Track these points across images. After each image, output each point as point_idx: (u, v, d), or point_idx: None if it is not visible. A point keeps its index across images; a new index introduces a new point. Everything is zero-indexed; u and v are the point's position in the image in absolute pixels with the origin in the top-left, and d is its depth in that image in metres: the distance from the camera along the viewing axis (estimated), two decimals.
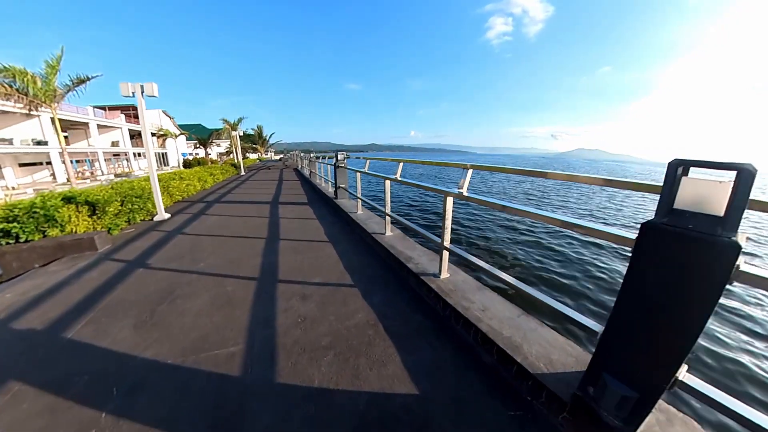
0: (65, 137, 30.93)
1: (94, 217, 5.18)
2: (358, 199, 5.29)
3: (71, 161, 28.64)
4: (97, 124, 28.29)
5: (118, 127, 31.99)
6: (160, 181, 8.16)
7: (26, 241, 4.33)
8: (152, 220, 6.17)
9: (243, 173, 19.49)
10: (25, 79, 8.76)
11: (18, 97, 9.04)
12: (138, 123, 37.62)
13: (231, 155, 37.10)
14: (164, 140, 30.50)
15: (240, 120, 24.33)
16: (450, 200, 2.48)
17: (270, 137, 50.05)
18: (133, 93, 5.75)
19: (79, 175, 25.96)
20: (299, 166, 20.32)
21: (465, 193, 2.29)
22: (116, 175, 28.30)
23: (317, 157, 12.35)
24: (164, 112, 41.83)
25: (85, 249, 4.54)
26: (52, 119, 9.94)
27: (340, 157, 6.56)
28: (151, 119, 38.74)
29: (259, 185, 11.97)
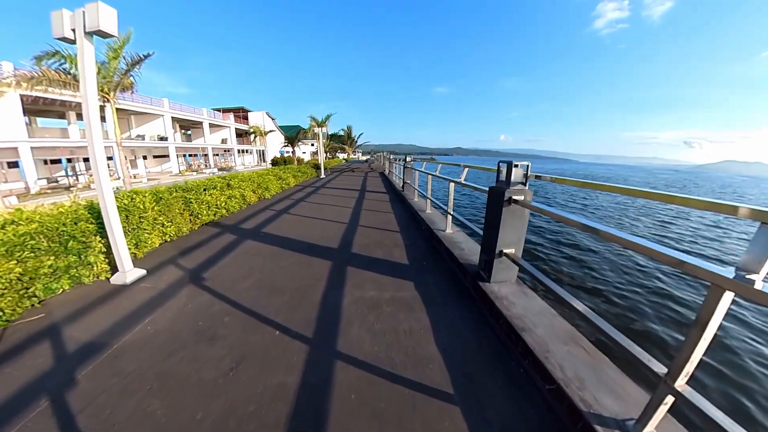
0: (188, 135, 35.18)
1: None
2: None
3: (185, 155, 32.13)
4: (209, 123, 30.85)
5: (226, 127, 34.79)
6: (189, 191, 5.33)
7: None
8: (108, 280, 3.13)
9: (323, 176, 17.22)
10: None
11: (76, 85, 7.67)
12: (246, 123, 40.81)
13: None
14: (255, 137, 31.82)
15: (328, 117, 22.52)
16: None
17: (358, 138, 49.33)
18: (73, 30, 2.71)
19: (189, 167, 28.44)
20: (386, 171, 17.09)
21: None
22: (219, 169, 30.38)
23: (412, 160, 8.47)
24: (267, 113, 44.90)
25: None
26: (116, 109, 8.49)
27: (517, 173, 2.32)
28: (255, 120, 41.77)
29: (333, 200, 8.70)
